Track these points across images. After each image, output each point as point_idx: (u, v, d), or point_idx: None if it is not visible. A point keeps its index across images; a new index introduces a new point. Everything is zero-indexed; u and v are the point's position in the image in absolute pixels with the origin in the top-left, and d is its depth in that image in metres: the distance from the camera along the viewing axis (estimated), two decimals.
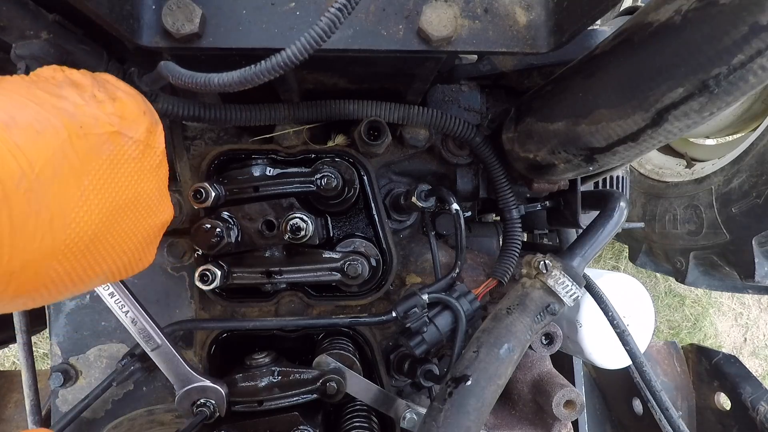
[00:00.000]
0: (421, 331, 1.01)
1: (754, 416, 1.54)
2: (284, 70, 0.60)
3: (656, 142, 0.69)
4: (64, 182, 0.55)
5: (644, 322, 1.14)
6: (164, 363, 1.00)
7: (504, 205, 1.11)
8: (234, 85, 0.62)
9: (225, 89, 0.63)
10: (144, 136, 0.67)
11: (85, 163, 0.57)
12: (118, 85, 0.68)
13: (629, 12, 1.63)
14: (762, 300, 3.66)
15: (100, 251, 0.62)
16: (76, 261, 0.58)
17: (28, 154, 0.50)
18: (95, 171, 0.59)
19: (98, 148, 0.60)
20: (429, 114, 1.01)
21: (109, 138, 0.61)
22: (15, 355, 3.01)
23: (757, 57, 0.51)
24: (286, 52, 0.59)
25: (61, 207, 0.55)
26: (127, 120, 0.64)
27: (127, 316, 0.97)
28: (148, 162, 0.69)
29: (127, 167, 0.64)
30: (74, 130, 0.56)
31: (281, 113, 0.97)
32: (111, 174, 0.62)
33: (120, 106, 0.64)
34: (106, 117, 0.61)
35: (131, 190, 0.66)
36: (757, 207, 2.01)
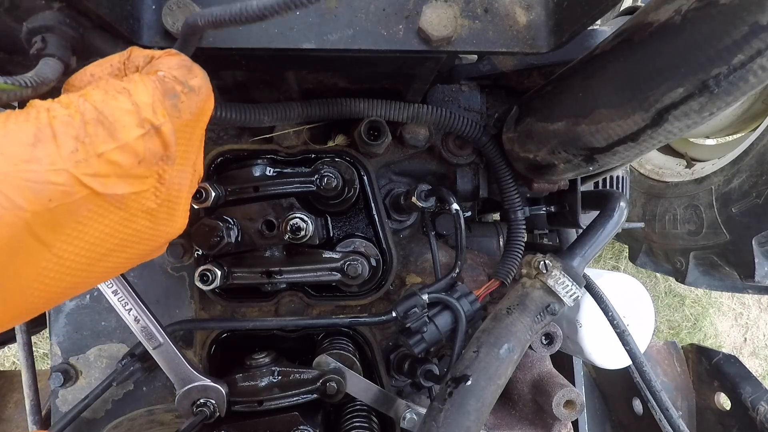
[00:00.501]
0: (421, 331, 1.01)
1: (754, 416, 1.54)
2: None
3: (656, 142, 0.69)
4: (22, 264, 0.48)
5: (644, 322, 1.14)
6: (165, 362, 1.00)
7: (509, 206, 1.10)
8: (275, 8, 0.53)
9: (265, 14, 0.54)
10: (135, 188, 0.55)
11: (54, 232, 0.49)
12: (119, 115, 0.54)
13: (629, 12, 1.63)
14: (762, 300, 3.66)
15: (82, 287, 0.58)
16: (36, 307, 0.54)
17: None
18: (68, 234, 0.51)
19: (71, 214, 0.50)
20: (438, 113, 1.01)
21: (84, 201, 0.51)
22: (15, 355, 3.01)
23: (757, 57, 0.51)
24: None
25: (21, 282, 0.48)
26: (111, 177, 0.53)
27: (129, 314, 0.97)
28: (143, 203, 0.58)
29: (113, 218, 0.55)
30: (41, 206, 0.47)
31: (293, 112, 0.95)
32: (93, 231, 0.53)
33: (106, 163, 0.52)
34: (83, 178, 0.50)
35: (118, 236, 0.56)
36: (757, 207, 2.01)
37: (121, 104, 0.53)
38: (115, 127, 0.52)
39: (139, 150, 0.54)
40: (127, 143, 0.53)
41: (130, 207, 0.56)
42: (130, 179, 0.54)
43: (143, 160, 0.55)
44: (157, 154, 0.56)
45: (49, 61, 0.61)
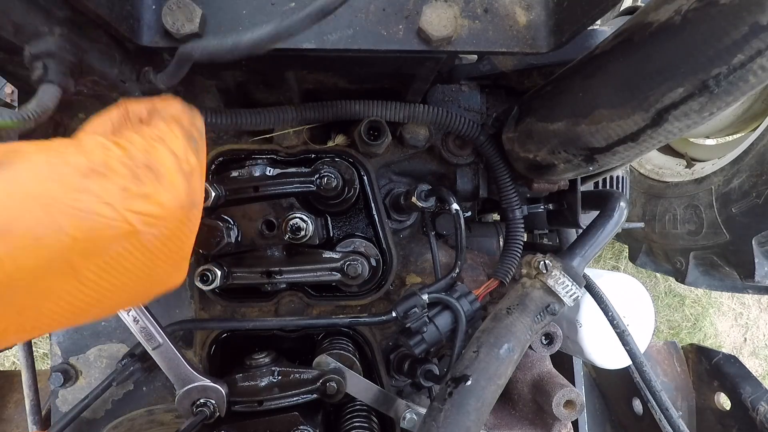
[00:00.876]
0: (421, 331, 1.01)
1: (754, 416, 1.54)
2: (320, 18, 0.56)
3: (656, 142, 0.69)
4: (54, 284, 0.50)
5: (644, 322, 1.14)
6: (165, 362, 1.00)
7: (507, 205, 1.10)
8: (266, 42, 0.56)
9: (256, 50, 0.58)
10: (168, 231, 0.58)
11: (87, 260, 0.52)
12: (168, 167, 0.58)
13: (629, 12, 1.63)
14: (762, 300, 3.66)
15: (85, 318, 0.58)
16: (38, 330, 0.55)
17: (8, 266, 0.45)
18: (99, 266, 0.53)
19: (106, 247, 0.53)
20: (434, 112, 1.01)
21: (123, 237, 0.54)
22: (15, 355, 3.01)
23: (757, 57, 0.51)
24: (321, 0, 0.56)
25: (33, 307, 0.50)
26: (154, 218, 0.56)
27: (128, 315, 0.97)
28: (167, 248, 0.60)
29: (141, 256, 0.57)
30: (83, 234, 0.50)
31: (289, 115, 0.96)
32: (120, 266, 0.55)
33: (151, 207, 0.55)
34: (128, 215, 0.53)
35: (140, 273, 0.58)
36: (757, 207, 2.01)
37: (162, 151, 0.58)
38: (161, 172, 0.57)
39: (181, 195, 0.59)
40: (173, 186, 0.58)
41: (158, 248, 0.58)
42: (167, 221, 0.57)
43: (183, 205, 0.59)
44: (191, 199, 0.61)
45: (50, 88, 0.64)
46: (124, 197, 0.53)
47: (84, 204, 0.50)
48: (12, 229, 0.45)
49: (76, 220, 0.49)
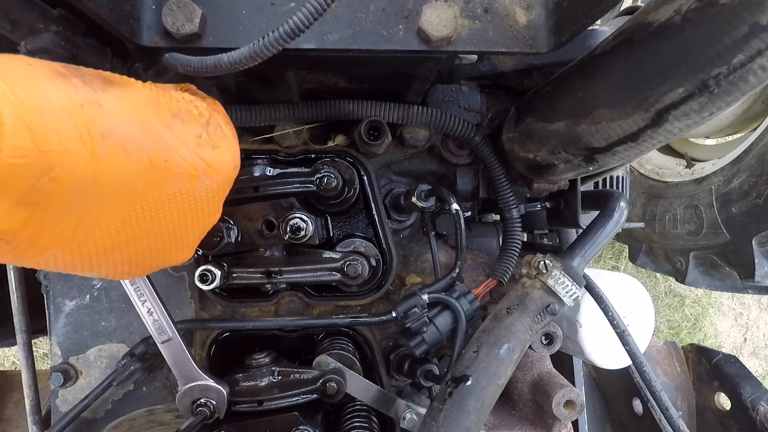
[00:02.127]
0: (421, 331, 1.01)
1: (754, 416, 1.54)
2: (295, 36, 0.59)
3: (656, 142, 0.69)
4: (116, 200, 0.55)
5: (644, 322, 1.14)
6: (172, 357, 1.00)
7: (504, 204, 1.11)
8: (244, 61, 0.61)
9: (236, 67, 0.62)
10: (218, 187, 0.67)
11: (147, 191, 0.58)
12: (227, 130, 0.68)
13: (629, 12, 1.63)
14: (762, 300, 3.66)
15: (110, 259, 0.62)
16: (80, 259, 0.58)
17: (103, 166, 0.51)
18: (152, 200, 0.59)
19: (169, 183, 0.60)
20: (428, 113, 1.01)
21: (185, 179, 0.61)
22: (15, 355, 3.01)
23: (757, 57, 0.51)
24: (295, 17, 0.58)
25: (99, 217, 0.55)
26: (213, 170, 0.64)
27: (144, 306, 0.98)
28: (207, 209, 0.69)
29: (184, 207, 0.64)
30: (158, 162, 0.57)
31: (282, 113, 0.97)
32: (165, 208, 0.61)
33: (217, 157, 0.64)
34: (196, 161, 0.61)
35: (174, 226, 0.65)
36: (757, 207, 2.01)
37: (221, 114, 0.71)
38: (224, 130, 0.68)
39: (237, 154, 0.70)
40: (232, 145, 0.69)
41: (201, 203, 0.67)
42: (221, 176, 0.67)
43: (236, 165, 0.71)
44: (238, 162, 0.72)
45: None
46: (197, 143, 0.62)
47: (168, 137, 0.58)
48: (114, 134, 0.51)
49: (158, 148, 0.57)
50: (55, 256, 0.56)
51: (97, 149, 0.49)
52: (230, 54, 0.61)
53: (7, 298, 1.23)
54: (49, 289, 1.17)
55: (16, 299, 1.22)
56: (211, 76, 0.98)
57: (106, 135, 0.50)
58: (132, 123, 0.54)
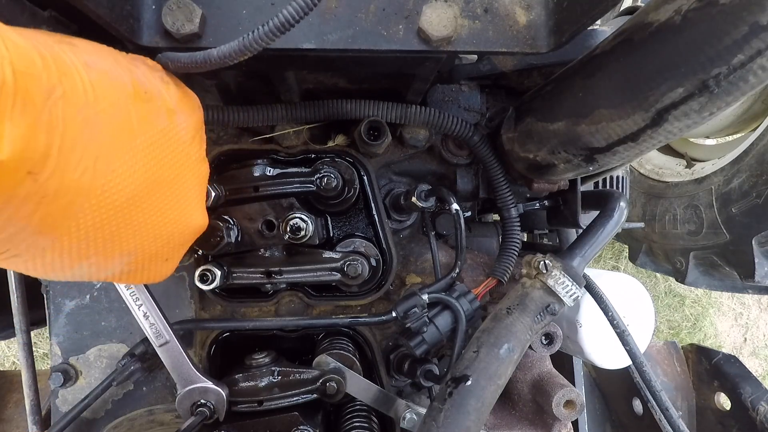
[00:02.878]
0: (421, 331, 1.01)
1: (754, 416, 1.54)
2: (285, 30, 0.60)
3: (656, 142, 0.69)
4: (119, 132, 0.58)
5: (644, 322, 1.14)
6: (170, 360, 1.00)
7: (502, 203, 1.11)
8: (234, 55, 0.62)
9: (225, 62, 0.62)
10: (194, 128, 0.70)
11: (141, 124, 0.60)
12: (179, 81, 0.72)
13: (629, 12, 1.63)
14: (762, 300, 3.66)
15: (132, 220, 0.63)
16: (106, 218, 0.59)
17: (97, 91, 0.53)
18: (148, 137, 0.62)
19: (155, 118, 0.63)
20: (426, 113, 1.01)
21: (166, 114, 0.65)
22: (15, 355, 3.01)
23: (757, 57, 0.51)
24: (285, 12, 0.59)
25: (110, 152, 0.57)
26: (184, 106, 0.68)
27: (140, 310, 0.98)
28: (194, 153, 0.72)
29: (175, 148, 0.67)
30: (139, 92, 0.60)
31: (281, 113, 0.97)
32: (161, 146, 0.64)
33: (181, 93, 0.69)
34: (169, 95, 0.66)
35: (174, 171, 0.68)
36: (757, 207, 2.01)
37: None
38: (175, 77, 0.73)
39: (196, 97, 0.77)
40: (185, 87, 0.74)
41: (188, 145, 0.70)
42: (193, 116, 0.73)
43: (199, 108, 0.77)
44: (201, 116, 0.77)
45: None
46: (162, 81, 0.66)
47: (137, 72, 0.63)
48: (94, 64, 0.55)
49: (135, 80, 0.61)
50: (82, 215, 0.56)
51: (86, 75, 0.52)
52: (220, 48, 0.62)
53: (5, 290, 1.23)
54: (49, 289, 1.17)
55: (16, 299, 1.22)
56: (211, 77, 0.98)
57: (89, 64, 0.53)
58: (104, 57, 0.59)
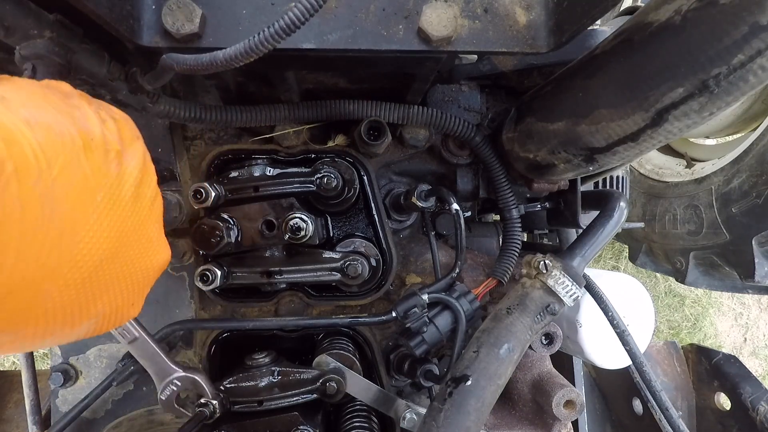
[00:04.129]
0: (421, 331, 1.01)
1: (754, 416, 1.54)
2: (291, 32, 0.59)
3: (656, 142, 0.69)
4: (79, 194, 0.52)
5: (644, 322, 1.14)
6: (143, 356, 1.00)
7: (504, 204, 1.11)
8: (240, 58, 0.61)
9: (231, 64, 0.62)
10: (141, 164, 0.63)
11: (97, 177, 0.55)
12: (111, 106, 0.66)
13: (629, 12, 1.63)
14: (762, 300, 3.66)
15: (100, 284, 0.59)
16: (75, 291, 0.55)
17: (47, 154, 0.47)
18: (106, 189, 0.56)
19: (107, 165, 0.57)
20: (428, 113, 1.01)
21: (115, 157, 0.59)
22: (15, 355, 3.00)
23: (757, 57, 0.51)
24: (290, 13, 0.58)
25: (74, 221, 0.51)
26: (126, 143, 0.62)
27: None
28: (147, 191, 0.66)
29: (133, 192, 0.62)
30: (87, 140, 0.54)
31: (281, 113, 0.97)
32: (118, 195, 0.59)
33: (119, 127, 0.62)
34: (110, 134, 0.59)
35: (136, 217, 0.62)
36: (757, 207, 2.01)
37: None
38: (107, 103, 0.66)
39: (133, 125, 0.67)
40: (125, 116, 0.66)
41: (140, 185, 0.64)
42: (134, 150, 0.64)
43: (139, 137, 0.67)
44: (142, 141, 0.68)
45: None
46: (100, 118, 0.60)
47: (77, 114, 0.56)
48: (35, 119, 0.49)
49: (78, 127, 0.55)
50: (50, 300, 0.52)
51: (32, 136, 0.47)
52: (225, 51, 0.61)
53: None
54: None
55: None
56: (210, 77, 0.98)
57: (30, 121, 0.48)
58: (41, 107, 0.52)
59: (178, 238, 1.17)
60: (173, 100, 0.87)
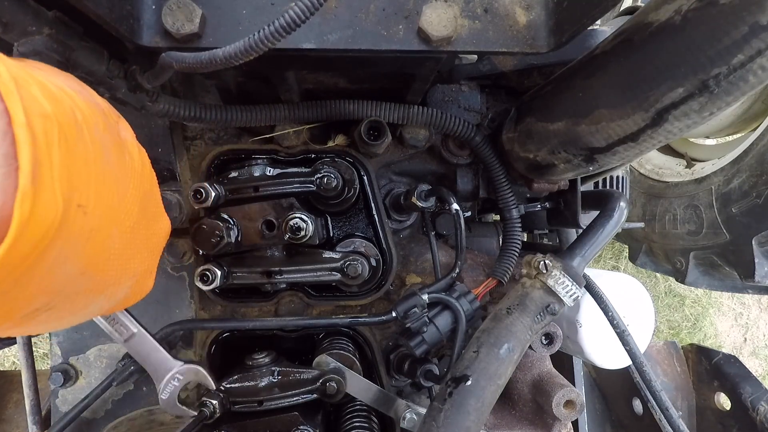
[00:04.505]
0: (421, 332, 1.01)
1: (754, 416, 1.54)
2: (290, 31, 0.59)
3: (656, 142, 0.69)
4: (115, 154, 0.56)
5: (644, 322, 1.14)
6: (140, 352, 0.99)
7: (504, 204, 1.11)
8: (239, 56, 0.61)
9: (230, 62, 0.62)
10: (133, 137, 0.66)
11: (116, 141, 0.59)
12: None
13: (629, 12, 1.63)
14: (762, 300, 3.66)
15: (136, 242, 0.62)
16: (127, 240, 0.58)
17: (86, 115, 0.51)
18: (126, 153, 0.60)
19: (118, 133, 0.60)
20: (428, 113, 1.01)
21: (118, 126, 0.62)
22: (15, 355, 3.01)
23: (757, 57, 0.51)
24: (291, 12, 0.58)
25: (117, 177, 0.55)
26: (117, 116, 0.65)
27: None
28: (148, 163, 0.69)
29: (138, 160, 0.65)
30: (104, 108, 0.58)
31: (281, 113, 0.97)
32: (132, 162, 0.62)
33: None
34: (108, 107, 0.62)
35: (146, 185, 0.66)
36: (757, 207, 2.01)
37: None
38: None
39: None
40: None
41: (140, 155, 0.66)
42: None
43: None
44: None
45: None
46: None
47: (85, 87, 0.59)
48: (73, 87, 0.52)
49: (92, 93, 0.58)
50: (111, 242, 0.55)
51: (73, 97, 0.50)
52: (225, 49, 0.61)
53: None
54: None
55: None
56: (211, 76, 0.98)
57: (64, 87, 0.51)
58: (66, 77, 0.55)
59: (178, 238, 1.17)
60: (173, 99, 0.87)
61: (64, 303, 0.55)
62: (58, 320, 0.59)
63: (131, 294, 0.70)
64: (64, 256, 0.47)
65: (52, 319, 0.57)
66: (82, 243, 0.48)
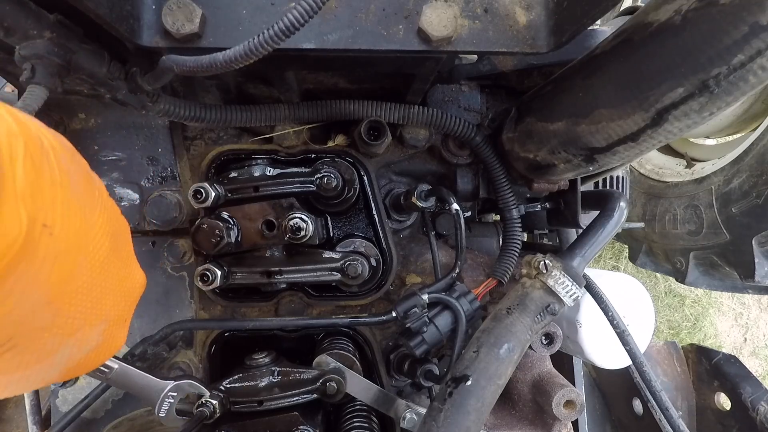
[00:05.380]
0: (421, 332, 1.01)
1: (754, 416, 1.54)
2: (291, 33, 0.59)
3: (656, 142, 0.69)
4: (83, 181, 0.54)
5: (644, 322, 1.14)
6: (128, 384, 0.97)
7: (504, 204, 1.11)
8: (240, 59, 0.61)
9: (231, 65, 0.62)
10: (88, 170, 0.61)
11: (84, 173, 0.56)
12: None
13: (629, 12, 1.63)
14: (762, 300, 3.66)
15: (107, 280, 0.59)
16: (96, 274, 0.55)
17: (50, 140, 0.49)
18: (91, 185, 0.57)
19: (85, 168, 0.57)
20: (429, 113, 1.01)
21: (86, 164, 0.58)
22: None
23: (757, 57, 0.51)
24: (290, 15, 0.58)
25: (84, 203, 0.53)
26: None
27: None
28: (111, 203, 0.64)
29: (111, 212, 0.61)
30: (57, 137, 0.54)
31: (281, 113, 0.97)
32: (100, 194, 0.59)
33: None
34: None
35: (116, 225, 0.62)
36: (757, 207, 2.01)
37: None
38: None
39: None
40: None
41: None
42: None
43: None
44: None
45: (36, 89, 0.67)
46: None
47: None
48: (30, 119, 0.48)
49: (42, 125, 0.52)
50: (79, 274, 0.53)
51: (35, 124, 0.47)
52: (225, 52, 0.61)
53: None
54: None
55: None
56: (211, 77, 0.98)
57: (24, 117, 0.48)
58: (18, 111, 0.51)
59: (178, 238, 1.17)
60: (173, 99, 0.87)
61: (28, 341, 0.51)
62: (22, 365, 0.54)
63: (103, 343, 0.66)
64: (29, 277, 0.45)
65: (15, 362, 0.52)
66: (48, 266, 0.46)
